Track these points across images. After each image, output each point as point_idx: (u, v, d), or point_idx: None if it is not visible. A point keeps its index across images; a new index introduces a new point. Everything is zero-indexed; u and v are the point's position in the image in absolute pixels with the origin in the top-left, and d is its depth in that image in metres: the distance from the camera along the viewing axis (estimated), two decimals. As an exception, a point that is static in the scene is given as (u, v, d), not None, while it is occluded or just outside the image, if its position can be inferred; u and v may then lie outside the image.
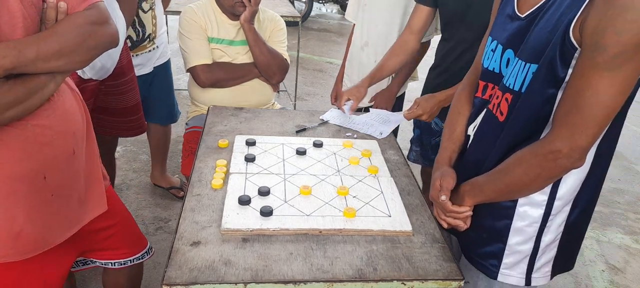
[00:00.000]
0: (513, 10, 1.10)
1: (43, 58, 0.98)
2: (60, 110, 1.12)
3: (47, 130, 1.08)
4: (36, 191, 1.10)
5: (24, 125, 1.04)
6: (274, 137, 1.66)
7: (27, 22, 1.00)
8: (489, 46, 1.17)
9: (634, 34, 0.83)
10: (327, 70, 5.26)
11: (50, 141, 1.10)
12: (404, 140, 3.62)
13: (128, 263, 1.48)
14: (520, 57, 1.04)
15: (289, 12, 3.52)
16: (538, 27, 1.00)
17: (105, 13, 1.12)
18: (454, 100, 1.33)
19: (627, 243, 2.78)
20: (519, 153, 1.03)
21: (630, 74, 0.88)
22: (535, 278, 1.16)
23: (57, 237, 1.20)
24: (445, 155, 1.26)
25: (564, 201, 1.09)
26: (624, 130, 1.14)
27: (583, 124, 0.92)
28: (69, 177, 1.18)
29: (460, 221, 1.16)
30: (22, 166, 1.06)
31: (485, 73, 1.18)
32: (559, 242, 1.14)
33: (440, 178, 1.19)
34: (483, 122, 1.18)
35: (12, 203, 1.08)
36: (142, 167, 3.01)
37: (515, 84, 1.05)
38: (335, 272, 1.07)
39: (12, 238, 1.10)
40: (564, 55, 0.94)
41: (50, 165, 1.11)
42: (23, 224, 1.11)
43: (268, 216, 1.21)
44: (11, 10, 0.97)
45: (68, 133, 1.14)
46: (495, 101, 1.12)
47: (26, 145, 1.05)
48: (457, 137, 1.27)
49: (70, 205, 1.21)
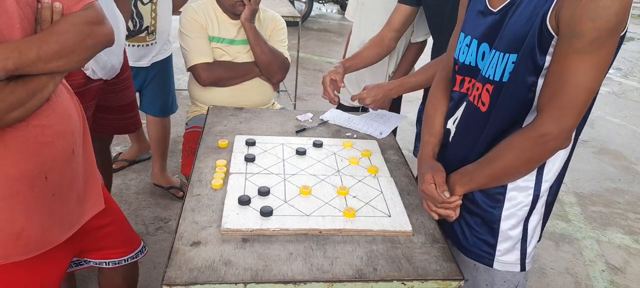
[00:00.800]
0: (485, 5, 1.15)
1: (44, 59, 0.99)
2: (59, 110, 1.13)
3: (47, 130, 1.09)
4: (37, 191, 1.10)
5: (25, 126, 1.04)
6: (274, 137, 1.66)
7: (24, 22, 1.00)
8: (463, 41, 1.21)
9: (607, 20, 0.91)
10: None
11: (51, 141, 1.10)
12: (403, 140, 3.62)
13: (122, 262, 1.48)
14: (497, 49, 1.09)
15: (289, 12, 3.52)
16: (512, 20, 1.06)
17: (101, 13, 1.13)
18: (430, 96, 1.37)
19: (627, 243, 2.78)
20: (508, 140, 1.08)
21: (606, 56, 0.96)
22: (528, 263, 1.21)
23: (57, 237, 1.20)
24: (428, 149, 1.30)
25: (550, 182, 1.15)
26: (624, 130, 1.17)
27: (569, 106, 0.98)
28: (69, 176, 1.18)
29: (451, 211, 1.19)
30: (24, 166, 1.07)
31: (462, 67, 1.22)
32: (541, 222, 1.21)
33: (431, 172, 1.21)
34: (464, 114, 1.22)
35: (14, 204, 1.08)
36: (142, 167, 3.01)
37: (495, 74, 1.09)
38: (335, 272, 1.07)
39: (13, 238, 1.10)
40: (542, 44, 1.00)
41: (51, 165, 1.11)
42: (24, 224, 1.11)
43: (268, 216, 1.21)
44: (8, 11, 0.97)
45: (67, 132, 1.15)
46: (475, 93, 1.17)
47: (27, 145, 1.06)
48: (437, 132, 1.31)
49: (69, 205, 1.21)
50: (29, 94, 1.00)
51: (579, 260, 2.60)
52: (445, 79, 1.34)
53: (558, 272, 2.50)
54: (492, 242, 1.19)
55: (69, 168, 1.17)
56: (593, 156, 3.85)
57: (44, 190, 1.12)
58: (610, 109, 4.92)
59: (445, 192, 1.17)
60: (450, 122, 1.28)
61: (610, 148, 4.00)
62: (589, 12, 0.90)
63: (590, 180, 3.43)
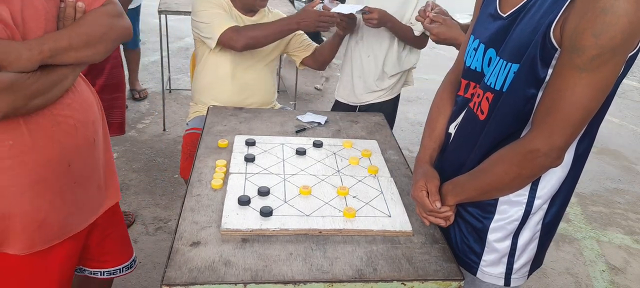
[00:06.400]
0: (495, 9, 1.11)
1: (75, 47, 1.08)
2: (80, 100, 1.20)
3: (70, 119, 1.15)
4: (61, 178, 1.16)
5: (49, 115, 1.11)
6: (274, 137, 1.66)
7: (48, 16, 1.07)
8: (471, 45, 1.18)
9: (611, 37, 0.84)
10: (327, 70, 5.26)
11: (74, 130, 1.17)
12: (403, 140, 3.62)
13: (116, 273, 1.49)
14: (501, 57, 1.05)
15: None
16: (519, 27, 1.02)
17: (120, 7, 1.22)
18: (435, 99, 1.34)
19: (627, 244, 2.78)
20: (499, 153, 1.04)
21: (607, 75, 0.89)
22: (514, 279, 1.17)
23: (77, 225, 1.25)
24: (426, 153, 1.28)
25: (543, 200, 1.10)
26: (624, 130, 1.15)
27: (561, 124, 0.93)
28: (90, 165, 1.25)
29: (441, 220, 1.17)
30: (50, 154, 1.12)
31: (468, 72, 1.19)
32: (538, 241, 1.16)
33: (424, 179, 1.19)
34: (464, 120, 1.19)
35: (40, 191, 1.13)
36: (142, 167, 3.01)
37: (497, 83, 1.06)
38: (335, 272, 1.07)
39: (37, 225, 1.15)
40: (545, 56, 0.95)
41: (74, 153, 1.18)
42: (48, 211, 1.15)
43: (268, 216, 1.21)
44: (35, 5, 1.04)
45: (88, 122, 1.22)
46: (476, 100, 1.14)
47: (52, 133, 1.12)
48: (437, 136, 1.28)
49: (90, 193, 1.27)
50: (51, 83, 1.07)
51: (579, 260, 2.60)
52: (453, 82, 1.30)
53: (558, 272, 2.49)
54: (479, 251, 1.16)
55: (91, 157, 1.24)
56: (593, 156, 3.85)
57: (68, 178, 1.17)
58: (610, 108, 4.90)
59: (436, 202, 1.14)
60: (451, 126, 1.25)
61: (610, 148, 3.99)
62: (593, 27, 0.85)
63: (590, 180, 3.43)
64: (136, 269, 2.19)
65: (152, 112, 3.79)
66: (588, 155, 1.11)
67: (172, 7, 3.22)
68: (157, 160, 3.11)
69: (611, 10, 0.83)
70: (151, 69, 4.58)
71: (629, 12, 0.83)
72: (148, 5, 4.15)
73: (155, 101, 3.94)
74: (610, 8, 0.83)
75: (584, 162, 1.12)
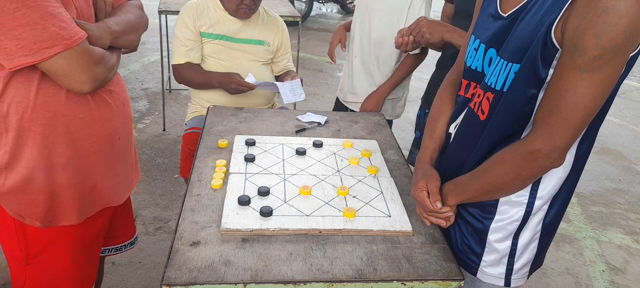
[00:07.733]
0: (496, 9, 1.11)
1: (125, 32, 1.26)
2: (121, 81, 1.35)
3: (117, 96, 1.29)
4: (111, 150, 1.28)
5: (108, 91, 1.25)
6: (274, 137, 1.66)
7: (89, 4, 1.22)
8: (472, 45, 1.18)
9: (613, 37, 0.84)
10: (327, 70, 5.26)
11: (121, 106, 1.30)
12: (404, 140, 3.62)
13: (122, 249, 1.58)
14: (502, 57, 1.05)
15: (289, 12, 3.52)
16: (520, 27, 1.01)
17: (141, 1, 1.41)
18: (436, 99, 1.34)
19: (627, 244, 2.78)
20: (500, 153, 1.04)
21: (608, 76, 0.89)
22: (514, 279, 1.17)
23: (119, 196, 1.37)
24: (427, 153, 1.27)
25: (544, 200, 1.10)
26: (624, 130, 1.15)
27: (562, 125, 0.93)
28: (129, 141, 1.38)
29: (441, 220, 1.17)
30: (109, 126, 1.25)
31: (468, 71, 1.19)
32: (538, 242, 1.16)
33: (424, 179, 1.19)
34: (464, 120, 1.19)
35: (96, 160, 1.25)
36: (142, 167, 3.01)
37: (497, 83, 1.06)
38: (335, 272, 1.07)
39: (87, 193, 1.26)
40: (546, 56, 0.95)
41: (122, 128, 1.31)
42: (97, 180, 1.27)
43: (268, 216, 1.21)
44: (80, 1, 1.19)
45: (127, 101, 1.36)
46: (476, 100, 1.13)
47: (110, 107, 1.25)
48: (438, 136, 1.28)
49: (128, 168, 1.40)
50: (117, 60, 1.26)
51: (579, 260, 2.60)
52: (454, 82, 1.30)
53: (558, 272, 2.50)
54: (479, 251, 1.16)
55: (129, 134, 1.37)
56: (593, 156, 3.85)
57: (117, 150, 1.31)
58: (610, 108, 4.91)
59: (436, 202, 1.14)
60: (452, 126, 1.25)
61: (610, 148, 3.99)
62: (594, 26, 0.84)
63: (590, 180, 3.43)
64: (136, 269, 2.20)
65: (152, 112, 3.79)
66: (588, 155, 1.11)
67: (172, 7, 3.23)
68: (157, 160, 3.12)
69: (612, 11, 0.83)
70: (151, 69, 4.58)
71: (630, 12, 0.83)
72: (148, 5, 4.14)
73: (155, 101, 3.94)
74: (612, 8, 0.83)
75: (585, 163, 1.12)
